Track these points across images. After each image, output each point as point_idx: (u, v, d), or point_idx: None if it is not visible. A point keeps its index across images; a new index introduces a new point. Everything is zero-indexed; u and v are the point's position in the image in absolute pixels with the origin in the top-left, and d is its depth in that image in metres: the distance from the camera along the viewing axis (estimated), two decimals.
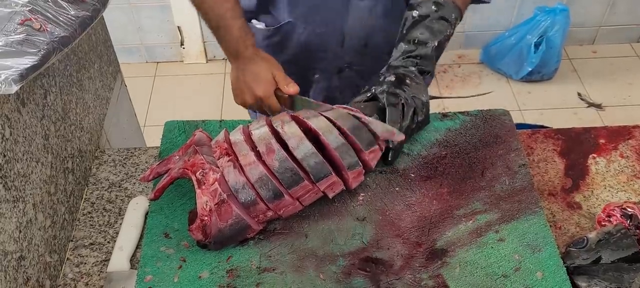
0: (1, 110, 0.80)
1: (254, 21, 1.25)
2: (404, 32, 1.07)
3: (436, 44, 1.05)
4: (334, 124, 0.94)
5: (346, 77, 1.25)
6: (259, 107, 1.11)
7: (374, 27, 1.17)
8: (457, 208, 0.95)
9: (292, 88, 1.06)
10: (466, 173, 1.01)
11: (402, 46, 1.05)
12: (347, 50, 1.20)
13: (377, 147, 0.95)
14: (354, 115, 0.95)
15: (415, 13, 1.06)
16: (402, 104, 0.98)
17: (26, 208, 0.85)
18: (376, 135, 0.95)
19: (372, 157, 0.95)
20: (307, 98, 1.08)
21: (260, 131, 0.92)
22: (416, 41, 1.04)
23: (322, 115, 0.95)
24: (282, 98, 1.09)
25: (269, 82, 1.08)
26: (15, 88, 0.72)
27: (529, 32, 2.67)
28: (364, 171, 0.94)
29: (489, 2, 1.16)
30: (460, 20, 1.11)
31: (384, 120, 0.97)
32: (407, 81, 1.00)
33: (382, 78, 1.02)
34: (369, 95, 1.01)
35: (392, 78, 1.01)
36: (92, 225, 1.02)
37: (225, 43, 1.11)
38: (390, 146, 0.98)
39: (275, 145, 0.89)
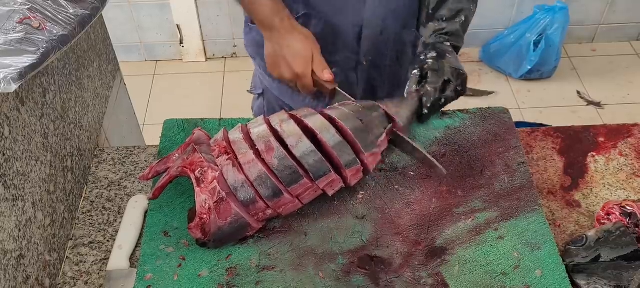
0: (0, 108, 0.80)
1: None
2: (430, 11, 1.10)
3: (464, 19, 1.10)
4: (336, 123, 0.94)
5: (363, 71, 1.25)
6: (294, 84, 1.10)
7: (390, 14, 1.17)
8: (456, 207, 0.95)
9: (327, 75, 1.06)
10: (465, 171, 1.01)
11: (432, 25, 1.09)
12: (364, 42, 1.20)
13: (377, 150, 0.95)
14: (358, 117, 0.96)
15: None
16: (444, 80, 1.03)
17: (25, 207, 0.85)
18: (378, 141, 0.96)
19: (372, 160, 0.95)
20: (346, 94, 1.06)
21: (259, 129, 0.92)
22: (444, 19, 1.09)
23: (324, 113, 0.95)
24: (320, 84, 1.07)
25: (308, 59, 1.06)
26: (14, 87, 0.72)
27: (528, 30, 2.67)
28: (362, 169, 0.94)
29: None
30: None
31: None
32: (448, 55, 1.05)
33: (423, 56, 1.06)
34: (418, 74, 1.04)
35: (434, 54, 1.05)
36: (91, 223, 1.02)
37: (258, 15, 1.09)
38: (426, 107, 1.02)
39: (275, 144, 0.89)
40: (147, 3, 2.74)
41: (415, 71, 1.05)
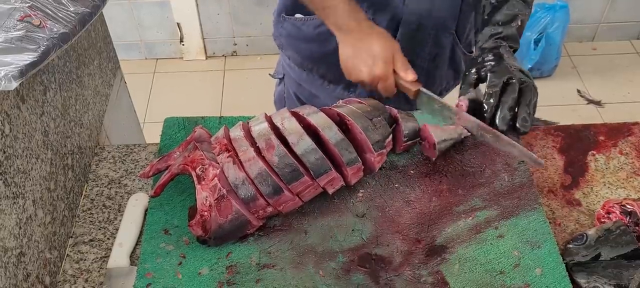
0: (1, 106, 0.80)
1: (297, 15, 1.23)
2: (486, 17, 1.08)
3: (520, 23, 1.07)
4: (345, 120, 0.94)
5: None
6: (373, 87, 1.07)
7: (426, 13, 1.16)
8: (456, 205, 0.96)
9: (410, 75, 1.02)
10: (465, 170, 1.01)
11: (488, 30, 1.06)
12: (399, 37, 1.18)
13: (385, 150, 0.96)
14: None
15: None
16: (507, 80, 0.97)
17: (26, 205, 0.85)
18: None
19: (379, 159, 0.95)
20: (431, 93, 1.02)
21: (260, 127, 0.92)
22: (501, 23, 1.06)
23: (333, 110, 0.95)
24: (401, 85, 1.03)
25: (389, 60, 1.02)
26: (14, 84, 0.72)
27: (528, 28, 2.67)
28: (363, 167, 0.94)
29: None
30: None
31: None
32: (505, 57, 1.01)
33: (480, 59, 1.02)
34: (475, 76, 1.00)
35: (492, 56, 1.01)
36: (91, 221, 1.02)
37: (332, 18, 1.06)
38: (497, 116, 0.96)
39: (275, 141, 0.89)
40: (147, 1, 2.74)
41: (472, 73, 1.01)
